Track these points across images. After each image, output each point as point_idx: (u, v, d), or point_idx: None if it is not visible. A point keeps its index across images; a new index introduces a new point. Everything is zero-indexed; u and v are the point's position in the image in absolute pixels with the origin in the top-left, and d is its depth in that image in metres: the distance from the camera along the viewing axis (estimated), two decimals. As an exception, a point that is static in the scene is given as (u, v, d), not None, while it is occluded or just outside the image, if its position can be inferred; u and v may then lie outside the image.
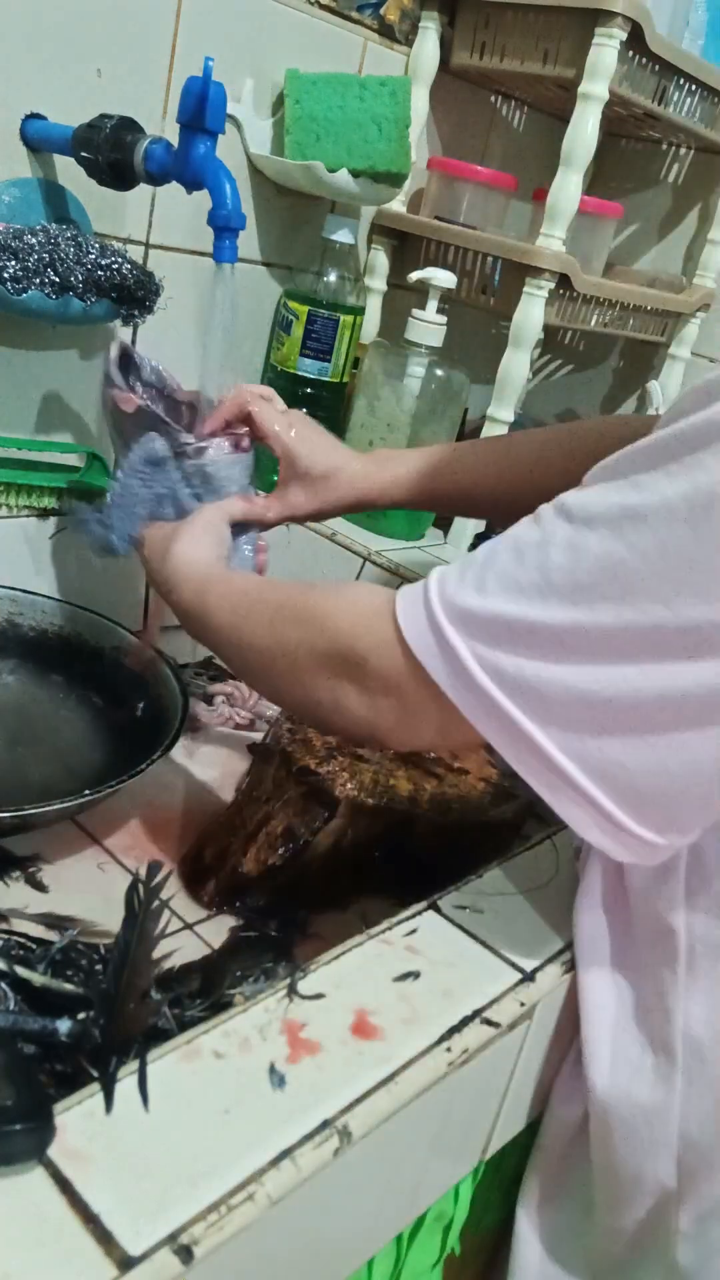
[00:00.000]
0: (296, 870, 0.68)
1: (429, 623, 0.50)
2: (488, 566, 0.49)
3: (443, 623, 0.49)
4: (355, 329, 1.11)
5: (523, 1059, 0.57)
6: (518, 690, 0.47)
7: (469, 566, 0.50)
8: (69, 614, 0.87)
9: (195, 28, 0.92)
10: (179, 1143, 0.40)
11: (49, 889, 0.67)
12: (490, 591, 0.48)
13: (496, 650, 0.47)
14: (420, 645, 0.50)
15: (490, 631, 0.48)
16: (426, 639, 0.50)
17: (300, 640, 0.57)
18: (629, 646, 0.44)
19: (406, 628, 0.51)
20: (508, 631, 0.47)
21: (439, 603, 0.50)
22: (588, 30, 0.98)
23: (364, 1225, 0.52)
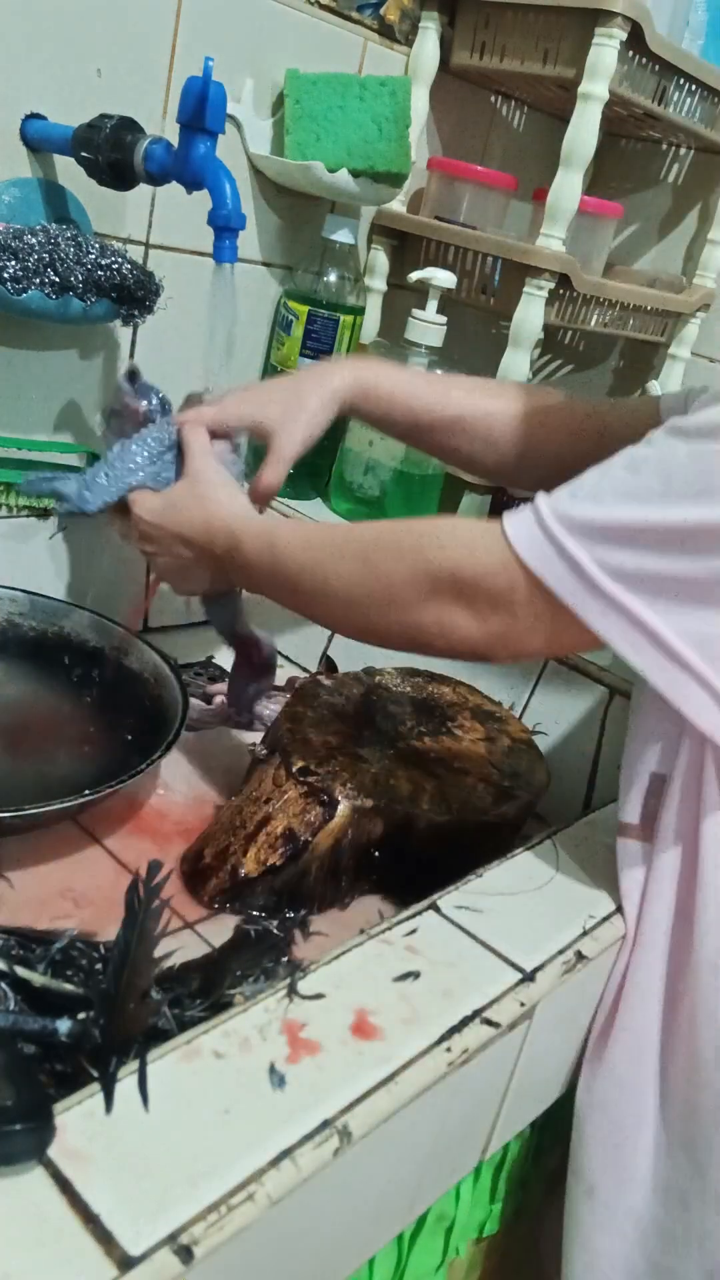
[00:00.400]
0: (296, 870, 0.68)
1: (545, 537, 0.53)
2: (601, 483, 0.53)
3: (559, 535, 0.53)
4: (355, 329, 1.11)
5: (523, 1059, 0.57)
6: (640, 586, 0.51)
7: (580, 486, 0.54)
8: (69, 614, 0.87)
9: (195, 28, 0.92)
10: (179, 1143, 0.40)
11: (50, 889, 0.67)
12: (608, 502, 0.52)
13: (618, 552, 0.51)
14: (537, 559, 0.53)
15: (609, 536, 0.52)
16: (545, 551, 0.53)
17: (402, 570, 0.59)
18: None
19: (520, 545, 0.54)
20: (627, 535, 0.51)
21: (553, 519, 0.53)
22: (588, 30, 0.98)
23: (364, 1225, 0.52)
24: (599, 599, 0.52)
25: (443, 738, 0.79)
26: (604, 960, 0.61)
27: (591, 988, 0.62)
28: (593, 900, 0.62)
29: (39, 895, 0.66)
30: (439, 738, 0.79)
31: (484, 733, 0.82)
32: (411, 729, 0.79)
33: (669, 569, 0.51)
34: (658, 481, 0.51)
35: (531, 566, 0.54)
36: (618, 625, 0.52)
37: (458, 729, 0.81)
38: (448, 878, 0.61)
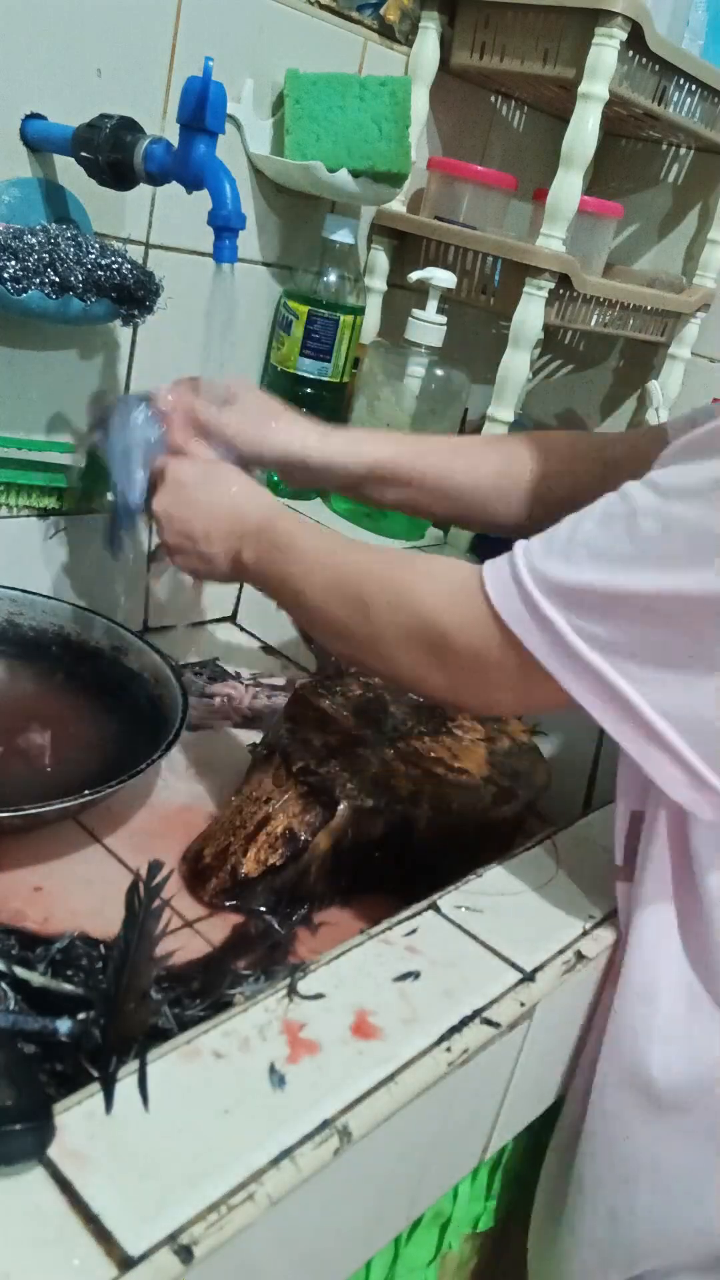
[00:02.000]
0: (296, 870, 0.68)
1: (520, 596, 0.52)
2: (573, 539, 0.52)
3: (535, 595, 0.52)
4: (355, 329, 1.11)
5: (523, 1059, 0.57)
6: (613, 655, 0.50)
7: (553, 539, 0.53)
8: (69, 614, 0.87)
9: (195, 28, 0.92)
10: (179, 1143, 0.40)
11: (50, 889, 0.67)
12: (579, 562, 0.51)
13: (590, 618, 0.50)
14: (514, 618, 0.52)
15: (583, 601, 0.50)
16: (520, 612, 0.52)
17: (384, 617, 0.59)
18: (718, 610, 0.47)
19: (498, 602, 0.53)
20: (600, 600, 0.50)
21: (529, 576, 0.52)
22: (588, 30, 0.98)
23: (364, 1225, 0.52)
24: (573, 663, 0.51)
25: (443, 738, 0.79)
26: (604, 960, 0.61)
27: (591, 988, 0.62)
28: (593, 900, 0.62)
29: (39, 895, 0.66)
30: (439, 738, 0.79)
31: (484, 733, 0.82)
32: (411, 729, 0.79)
33: (641, 637, 0.49)
34: (627, 542, 0.49)
35: (507, 623, 0.53)
36: (592, 692, 0.51)
37: (458, 729, 0.81)
38: (448, 878, 0.60)
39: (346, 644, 0.63)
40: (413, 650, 0.58)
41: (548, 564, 0.52)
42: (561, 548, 0.52)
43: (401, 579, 0.60)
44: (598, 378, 1.47)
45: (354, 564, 0.63)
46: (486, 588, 0.54)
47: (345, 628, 0.62)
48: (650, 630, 0.49)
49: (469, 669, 0.56)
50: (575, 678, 0.51)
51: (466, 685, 0.57)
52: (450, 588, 0.56)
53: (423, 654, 0.57)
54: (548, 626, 0.51)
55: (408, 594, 0.58)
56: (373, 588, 0.60)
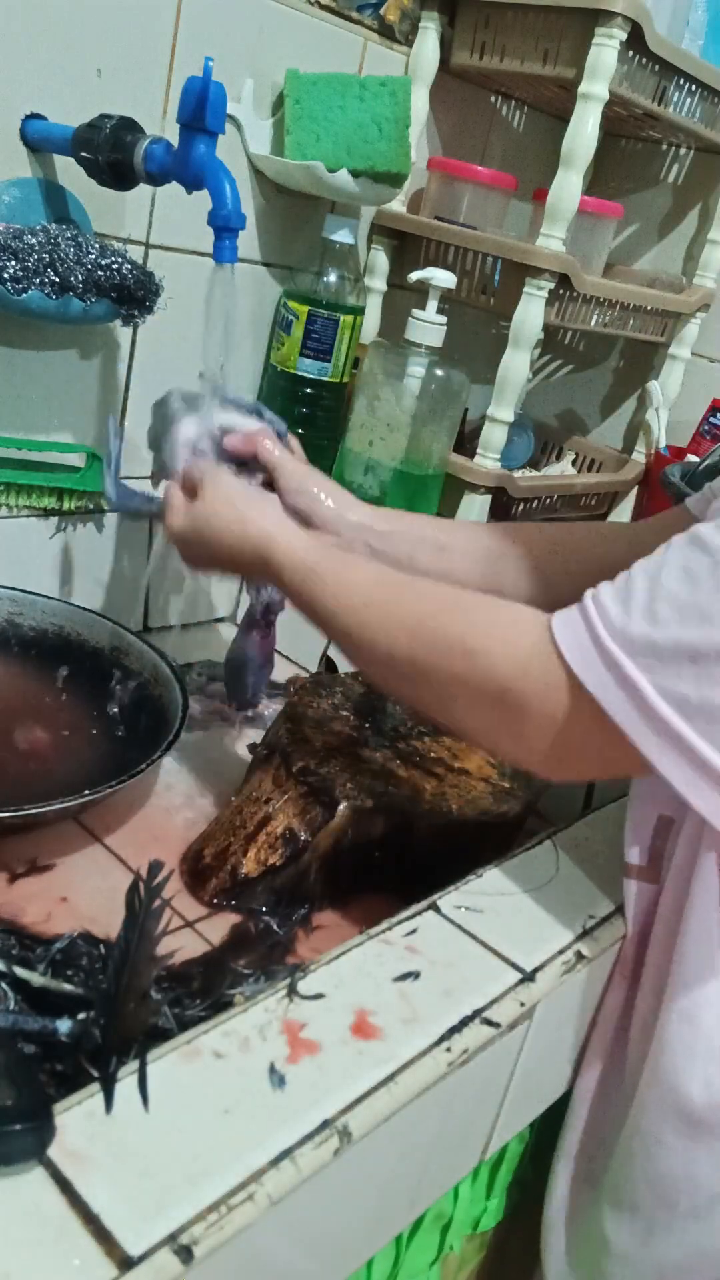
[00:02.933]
0: (296, 870, 0.68)
1: (602, 659, 0.49)
2: (655, 595, 0.48)
3: (619, 657, 0.48)
4: (355, 329, 1.11)
5: (523, 1059, 0.57)
6: (698, 715, 0.47)
7: (631, 596, 0.49)
8: (69, 614, 0.87)
9: (195, 28, 0.92)
10: (179, 1143, 0.40)
11: (50, 888, 0.67)
12: (665, 620, 0.47)
13: (679, 681, 0.47)
14: (595, 683, 0.49)
15: (672, 662, 0.47)
16: (602, 676, 0.49)
17: (449, 672, 0.55)
18: None
19: (576, 665, 0.50)
20: (692, 660, 0.47)
21: (609, 637, 0.49)
22: (588, 30, 0.98)
23: (364, 1225, 0.52)
24: (659, 732, 0.48)
25: (443, 737, 0.79)
26: (604, 961, 0.61)
27: (591, 988, 0.62)
28: (593, 900, 0.62)
29: (39, 895, 0.66)
30: (439, 738, 0.79)
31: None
32: (411, 729, 0.79)
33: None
34: (718, 596, 0.46)
35: (589, 689, 0.49)
36: (676, 762, 0.48)
37: (458, 729, 0.81)
38: (448, 878, 0.60)
39: (408, 693, 0.59)
40: (486, 714, 0.54)
41: (629, 621, 0.49)
42: (643, 606, 0.49)
43: (469, 635, 0.55)
44: (598, 378, 1.47)
45: (412, 602, 0.58)
46: (562, 651, 0.50)
47: (407, 678, 0.57)
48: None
49: (548, 736, 0.52)
50: (659, 748, 0.48)
51: (545, 751, 0.53)
52: (524, 646, 0.52)
53: (497, 719, 0.54)
54: (632, 692, 0.48)
55: (479, 655, 0.54)
56: (438, 640, 0.56)
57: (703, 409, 1.30)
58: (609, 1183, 0.65)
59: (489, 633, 0.55)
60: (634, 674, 0.48)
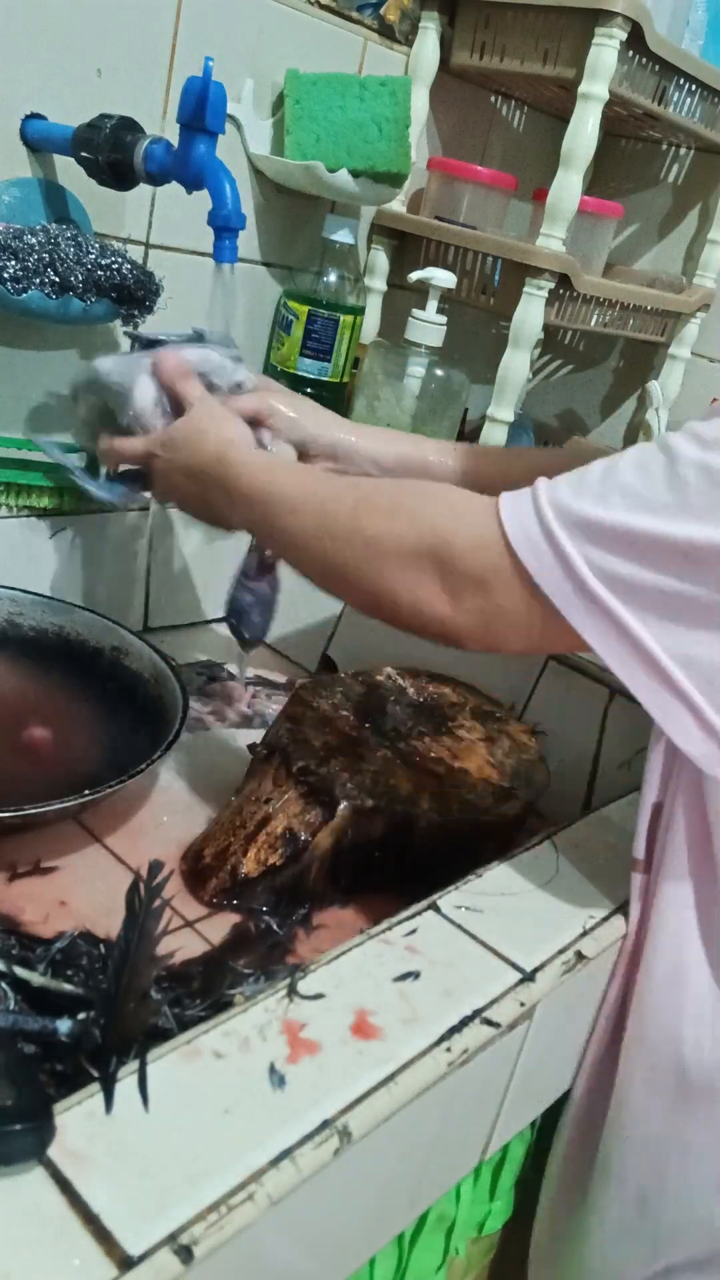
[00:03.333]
0: (296, 870, 0.68)
1: (540, 525, 0.51)
2: (608, 481, 0.50)
3: (554, 527, 0.50)
4: (355, 329, 1.11)
5: (523, 1059, 0.57)
6: (631, 596, 0.49)
7: (585, 480, 0.51)
8: (69, 614, 0.87)
9: (195, 28, 0.92)
10: (179, 1143, 0.40)
11: (49, 888, 0.67)
12: (614, 505, 0.49)
13: (613, 558, 0.49)
14: (526, 546, 0.51)
15: (611, 541, 0.49)
16: (536, 540, 0.51)
17: (387, 530, 0.56)
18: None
19: (511, 528, 0.51)
20: (630, 543, 0.49)
21: (550, 508, 0.51)
22: (588, 30, 0.98)
23: (364, 1225, 0.52)
24: (585, 600, 0.50)
25: (443, 737, 0.79)
26: (604, 960, 0.61)
27: (591, 988, 0.62)
28: (593, 900, 0.62)
29: (39, 895, 0.66)
30: (439, 737, 0.79)
31: (484, 732, 0.82)
32: (411, 729, 0.79)
33: (666, 585, 0.48)
34: (668, 491, 0.49)
35: (518, 551, 0.51)
36: (602, 630, 0.50)
37: (458, 729, 0.81)
38: (448, 878, 0.60)
39: (341, 566, 0.59)
40: (413, 569, 0.55)
41: (575, 501, 0.50)
42: (595, 488, 0.50)
43: (412, 495, 0.57)
44: (598, 378, 1.47)
45: (357, 483, 0.61)
46: (501, 513, 0.52)
47: (342, 544, 0.58)
48: (680, 580, 0.48)
49: (474, 595, 0.53)
50: (587, 616, 0.50)
51: (469, 613, 0.54)
52: (465, 507, 0.54)
53: (425, 573, 0.55)
54: (562, 557, 0.50)
55: (417, 509, 0.56)
56: (381, 499, 0.58)
57: (703, 409, 1.30)
58: (600, 1159, 0.65)
59: (433, 494, 0.57)
60: (565, 543, 0.50)
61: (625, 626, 0.49)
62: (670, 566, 0.48)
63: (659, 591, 0.49)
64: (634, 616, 0.49)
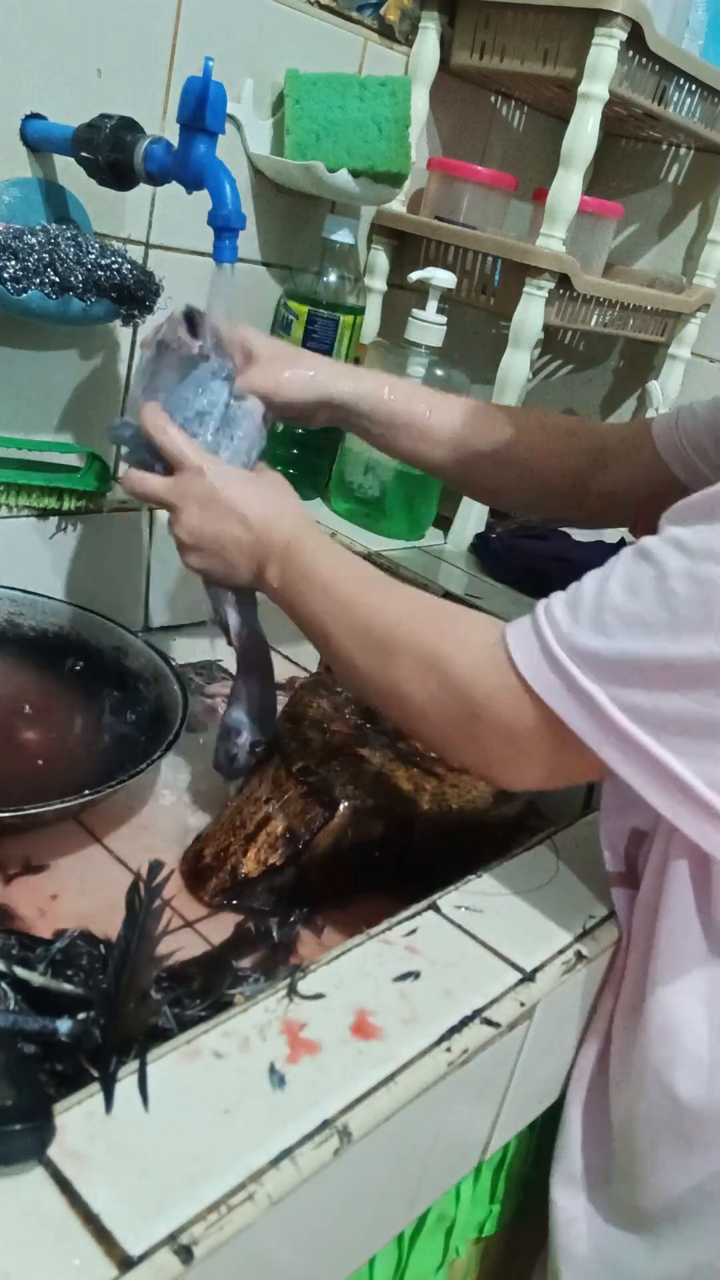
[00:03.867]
0: (296, 870, 0.68)
1: (553, 669, 0.50)
2: (601, 606, 0.50)
3: (569, 667, 0.49)
4: (355, 329, 1.11)
5: (523, 1059, 0.57)
6: (657, 727, 0.48)
7: (578, 607, 0.50)
8: (69, 614, 0.87)
9: (195, 28, 0.92)
10: (179, 1143, 0.40)
11: (49, 888, 0.67)
12: (613, 631, 0.49)
13: (630, 689, 0.48)
14: (548, 692, 0.50)
15: (620, 672, 0.48)
16: (554, 685, 0.50)
17: (413, 680, 0.57)
18: None
19: (530, 675, 0.51)
20: (638, 670, 0.48)
21: (559, 647, 0.50)
22: (588, 30, 0.98)
23: (364, 1225, 0.52)
24: (615, 738, 0.49)
25: (443, 738, 0.79)
26: (604, 960, 0.61)
27: (591, 988, 0.62)
28: (593, 900, 0.62)
29: (39, 894, 0.66)
30: (439, 738, 0.79)
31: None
32: (411, 729, 0.79)
33: (685, 707, 0.47)
34: (661, 608, 0.48)
35: (541, 697, 0.50)
36: (637, 766, 0.49)
37: (458, 729, 0.81)
38: (448, 878, 0.60)
39: (373, 697, 0.61)
40: (442, 719, 0.56)
41: (577, 633, 0.50)
42: (590, 616, 0.50)
43: (430, 641, 0.57)
44: (598, 378, 1.47)
45: (382, 613, 0.60)
46: (514, 659, 0.52)
47: (372, 682, 0.60)
48: (694, 699, 0.47)
49: (501, 743, 0.54)
50: (618, 753, 0.49)
51: (497, 759, 0.55)
52: (480, 653, 0.54)
53: (452, 724, 0.55)
54: (585, 700, 0.49)
55: (437, 659, 0.56)
56: (401, 646, 0.58)
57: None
58: (611, 1201, 0.64)
59: (449, 633, 0.57)
60: (584, 683, 0.49)
61: (656, 759, 0.48)
62: (682, 686, 0.47)
63: (681, 716, 0.47)
64: (664, 747, 0.48)
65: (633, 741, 0.48)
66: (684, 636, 0.47)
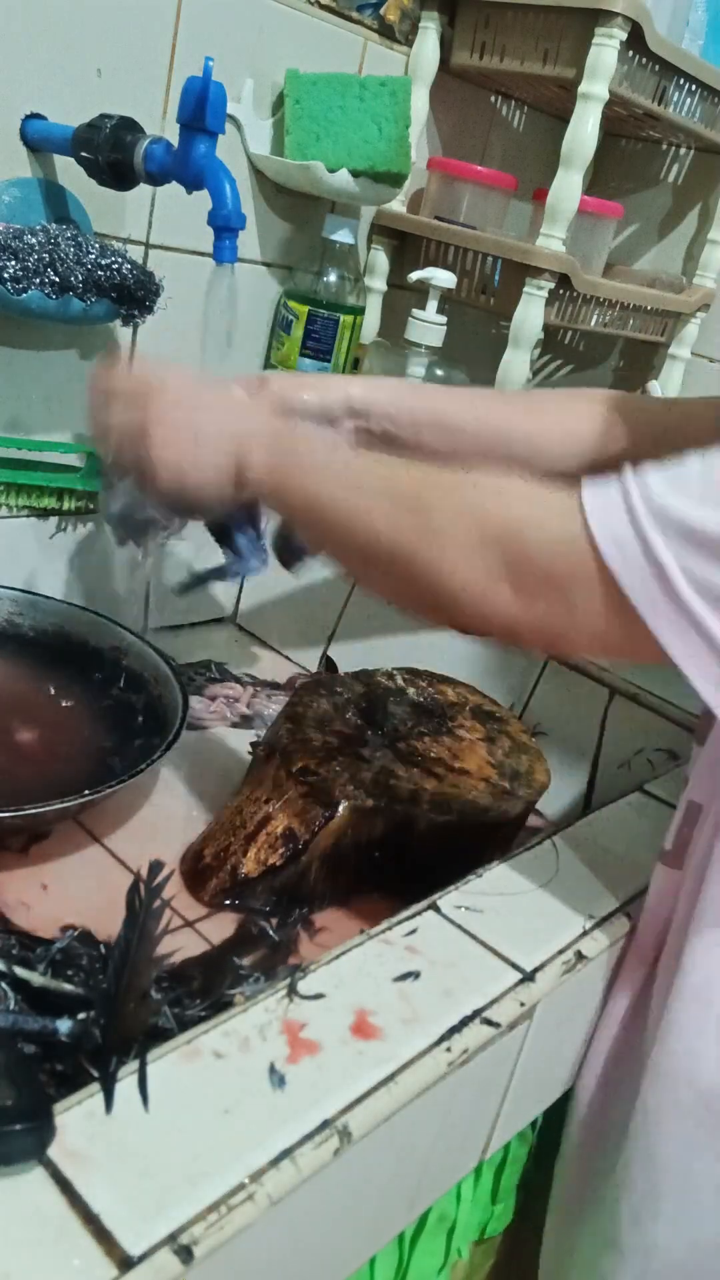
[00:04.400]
0: (296, 870, 0.68)
1: (631, 525, 0.45)
2: (710, 478, 0.45)
3: (648, 528, 0.45)
4: (355, 329, 1.11)
5: (523, 1059, 0.57)
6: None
7: (682, 475, 0.46)
8: (69, 614, 0.87)
9: (195, 28, 0.92)
10: (179, 1143, 0.40)
11: (50, 888, 0.67)
12: (714, 504, 0.44)
13: (713, 568, 0.44)
14: (615, 548, 0.46)
15: (709, 545, 0.44)
16: (626, 541, 0.45)
17: (453, 516, 0.51)
18: None
19: (598, 527, 0.46)
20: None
21: (644, 507, 0.45)
22: (588, 30, 0.98)
23: (364, 1225, 0.52)
24: (678, 612, 0.45)
25: (443, 737, 0.79)
26: (604, 960, 0.61)
27: (591, 988, 0.62)
28: (593, 900, 0.62)
29: (39, 894, 0.66)
30: (439, 737, 0.79)
31: (484, 733, 0.82)
32: (412, 729, 0.79)
33: None
34: None
35: (605, 555, 0.46)
36: (692, 647, 0.45)
37: (458, 729, 0.81)
38: (448, 878, 0.60)
39: (390, 551, 0.53)
40: (482, 559, 0.49)
41: (672, 499, 0.45)
42: (696, 485, 0.45)
43: (477, 486, 0.52)
44: (598, 378, 1.47)
45: (409, 471, 0.54)
46: (586, 509, 0.46)
47: (392, 532, 0.52)
48: None
49: (547, 594, 0.48)
50: (676, 630, 0.45)
51: (539, 612, 0.49)
52: (543, 499, 0.49)
53: (494, 565, 0.49)
54: (656, 565, 0.45)
55: (490, 499, 0.51)
56: (437, 492, 0.52)
57: (703, 409, 1.30)
58: (605, 1166, 0.64)
59: (508, 482, 0.52)
60: (660, 549, 0.45)
61: (716, 638, 0.44)
62: None
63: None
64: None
65: (696, 620, 0.45)
66: None
